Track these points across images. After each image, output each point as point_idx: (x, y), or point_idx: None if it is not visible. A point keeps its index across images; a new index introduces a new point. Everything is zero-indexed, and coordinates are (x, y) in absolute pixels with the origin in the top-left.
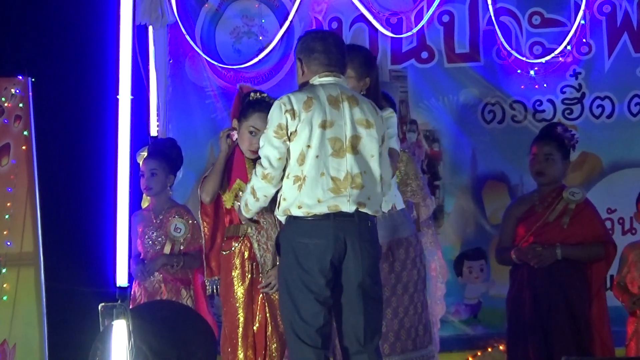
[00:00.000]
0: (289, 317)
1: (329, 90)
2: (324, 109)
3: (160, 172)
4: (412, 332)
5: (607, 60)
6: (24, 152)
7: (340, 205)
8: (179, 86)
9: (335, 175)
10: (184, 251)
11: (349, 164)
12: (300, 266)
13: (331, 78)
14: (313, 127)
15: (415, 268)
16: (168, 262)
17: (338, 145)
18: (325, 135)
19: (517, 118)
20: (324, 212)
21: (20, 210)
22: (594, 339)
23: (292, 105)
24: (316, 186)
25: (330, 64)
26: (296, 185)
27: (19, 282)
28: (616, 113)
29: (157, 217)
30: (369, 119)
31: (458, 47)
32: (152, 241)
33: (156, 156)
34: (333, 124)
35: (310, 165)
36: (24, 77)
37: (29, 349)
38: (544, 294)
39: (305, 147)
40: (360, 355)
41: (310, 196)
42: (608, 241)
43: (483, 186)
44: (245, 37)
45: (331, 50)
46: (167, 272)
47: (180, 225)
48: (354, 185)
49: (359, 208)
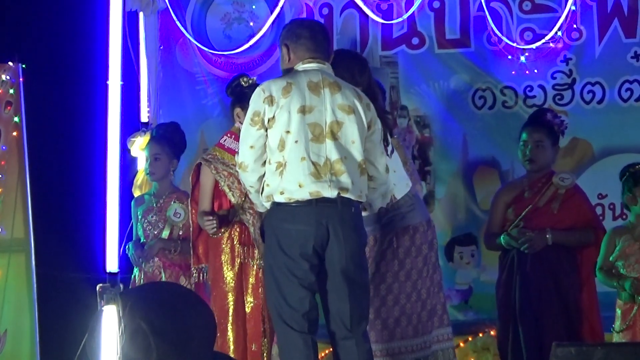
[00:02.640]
0: (275, 303)
1: (310, 76)
2: (303, 95)
3: (164, 157)
4: (414, 319)
5: (597, 46)
6: (14, 139)
7: (321, 190)
8: (170, 72)
9: (316, 160)
10: (182, 236)
11: (328, 149)
12: (283, 252)
13: (314, 64)
14: (291, 112)
15: (420, 255)
16: (165, 246)
17: (318, 131)
18: (305, 120)
19: (508, 104)
20: (306, 198)
21: (10, 196)
22: (584, 324)
23: (271, 91)
24: (297, 171)
25: (316, 50)
26: (278, 171)
27: (9, 268)
28: (607, 99)
29: (157, 202)
30: (351, 105)
31: (449, 33)
32: (152, 225)
33: (159, 141)
34: (312, 109)
35: (290, 150)
36: (14, 63)
37: (20, 335)
38: (534, 279)
39: (285, 132)
40: (347, 340)
41: (291, 181)
42: (598, 226)
43: (474, 172)
44: (235, 23)
45: (317, 37)
46: (165, 258)
47: (180, 211)
48: (334, 171)
49: (340, 193)
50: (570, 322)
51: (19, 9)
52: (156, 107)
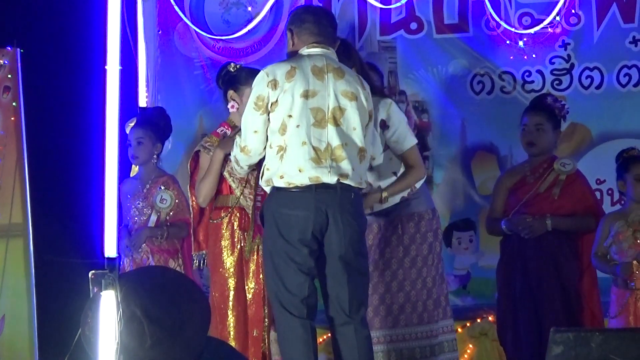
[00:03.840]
0: (274, 288)
1: (314, 60)
2: (307, 79)
3: (147, 141)
4: (419, 306)
5: (596, 30)
6: (12, 123)
7: (321, 176)
8: (168, 57)
9: (317, 145)
10: (170, 222)
11: (329, 135)
12: (282, 237)
13: (319, 49)
14: (294, 96)
15: (426, 242)
16: (152, 234)
17: (320, 116)
18: (308, 104)
19: (506, 89)
20: (305, 184)
21: (9, 181)
22: (584, 310)
23: (275, 75)
24: (297, 155)
25: (320, 35)
26: (278, 155)
27: (8, 253)
28: (605, 83)
29: (144, 187)
30: (354, 92)
31: (447, 18)
32: (139, 211)
33: (142, 125)
34: (316, 94)
35: (292, 134)
36: (12, 48)
37: (18, 320)
38: (534, 265)
39: (287, 116)
40: (346, 326)
41: (291, 165)
42: (599, 213)
43: (472, 157)
44: (234, 8)
45: (322, 22)
46: (153, 244)
47: (166, 197)
48: (334, 157)
49: (340, 179)
50: (570, 308)
51: None
52: (154, 92)
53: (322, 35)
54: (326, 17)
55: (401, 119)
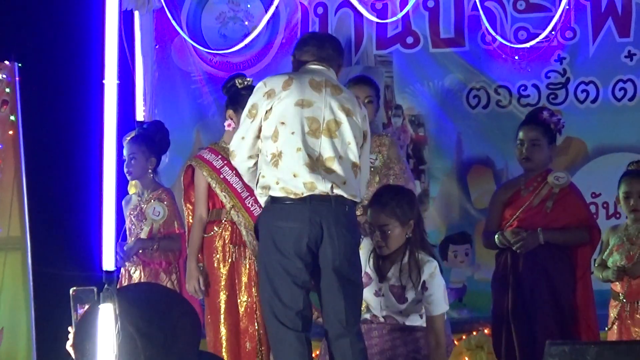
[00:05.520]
0: (268, 301)
1: (313, 75)
2: (303, 90)
3: (140, 156)
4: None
5: (591, 45)
6: (10, 137)
7: (315, 182)
8: (165, 71)
9: (311, 153)
10: (162, 234)
11: (322, 146)
12: (277, 249)
13: (320, 67)
14: (288, 104)
15: None
16: (144, 245)
17: (315, 126)
18: (303, 113)
19: (502, 103)
20: (300, 192)
21: (7, 194)
22: (580, 323)
23: (272, 85)
24: (292, 160)
25: (321, 56)
26: (272, 162)
27: (6, 266)
28: (600, 98)
29: (141, 200)
30: (351, 108)
31: (443, 32)
32: (134, 224)
33: (135, 140)
34: (312, 104)
35: (285, 141)
36: (11, 62)
37: (16, 333)
38: (527, 278)
39: (279, 123)
40: (342, 339)
41: (286, 171)
42: (592, 226)
43: (468, 171)
44: (231, 22)
45: (324, 46)
46: (145, 256)
47: (159, 209)
48: (324, 169)
49: (334, 188)
50: (564, 321)
51: (16, 9)
52: (152, 106)
53: (323, 57)
54: (330, 41)
55: (440, 284)
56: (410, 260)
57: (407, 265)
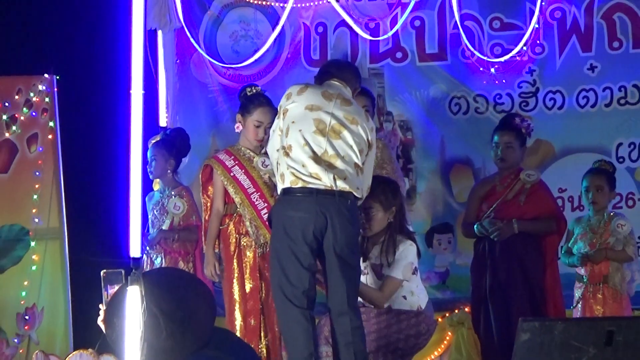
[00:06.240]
0: (278, 282)
1: (329, 88)
2: (315, 97)
3: (160, 158)
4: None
5: (558, 59)
6: (50, 141)
7: (320, 173)
8: (185, 83)
9: (316, 149)
10: (182, 226)
11: (327, 144)
12: (287, 236)
13: (337, 83)
14: (299, 107)
15: None
16: (165, 236)
17: (321, 126)
18: (311, 115)
19: (480, 110)
20: (308, 182)
21: (47, 191)
22: (548, 302)
23: (292, 90)
24: (299, 152)
25: (340, 77)
26: (284, 152)
27: (46, 253)
28: (566, 105)
29: (163, 196)
30: (357, 119)
31: (428, 48)
32: (156, 218)
33: (157, 144)
34: (320, 108)
35: (293, 136)
36: (50, 75)
37: (55, 312)
38: (502, 263)
39: (291, 122)
40: (343, 316)
41: (296, 160)
42: (559, 217)
43: (450, 169)
44: (242, 40)
45: (343, 70)
46: (166, 245)
47: (180, 204)
48: (327, 164)
49: (336, 181)
50: (535, 300)
51: (54, 29)
52: (173, 114)
53: (341, 77)
54: (348, 66)
55: (406, 256)
56: (389, 241)
57: (385, 245)
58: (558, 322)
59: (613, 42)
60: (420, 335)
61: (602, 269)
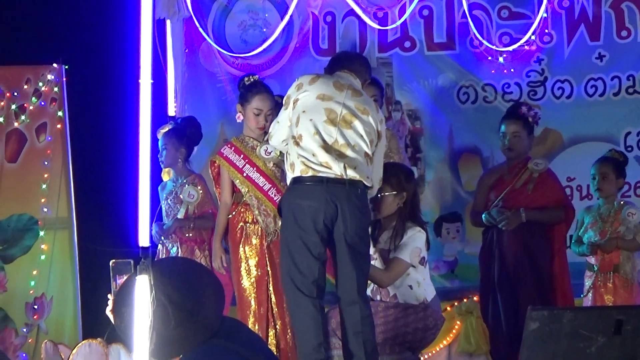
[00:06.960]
0: (288, 271)
1: (339, 78)
2: (326, 87)
3: (170, 147)
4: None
5: (566, 48)
6: (58, 130)
7: (330, 161)
8: (194, 72)
9: (326, 138)
10: (197, 215)
11: (338, 133)
12: (297, 224)
13: (347, 74)
14: (311, 96)
15: None
16: (181, 225)
17: (332, 116)
18: (322, 105)
19: (488, 99)
20: (318, 171)
21: (55, 180)
22: (556, 291)
23: (302, 80)
24: (310, 141)
25: (350, 68)
26: (294, 142)
27: (55, 243)
28: (574, 94)
29: (175, 185)
30: (367, 108)
31: (436, 37)
32: (171, 207)
33: (167, 133)
34: (332, 98)
35: (303, 125)
36: (58, 65)
37: (64, 301)
38: (511, 252)
39: (301, 112)
40: (353, 305)
41: (306, 149)
42: (567, 205)
43: (458, 158)
44: (251, 29)
45: (354, 61)
46: (182, 234)
47: (193, 192)
48: (338, 153)
49: (346, 169)
50: (543, 289)
51: (63, 18)
52: (182, 103)
53: (351, 68)
54: (359, 58)
55: (413, 240)
56: (398, 226)
57: (395, 231)
58: (567, 311)
59: (621, 31)
60: (428, 329)
61: (612, 258)
